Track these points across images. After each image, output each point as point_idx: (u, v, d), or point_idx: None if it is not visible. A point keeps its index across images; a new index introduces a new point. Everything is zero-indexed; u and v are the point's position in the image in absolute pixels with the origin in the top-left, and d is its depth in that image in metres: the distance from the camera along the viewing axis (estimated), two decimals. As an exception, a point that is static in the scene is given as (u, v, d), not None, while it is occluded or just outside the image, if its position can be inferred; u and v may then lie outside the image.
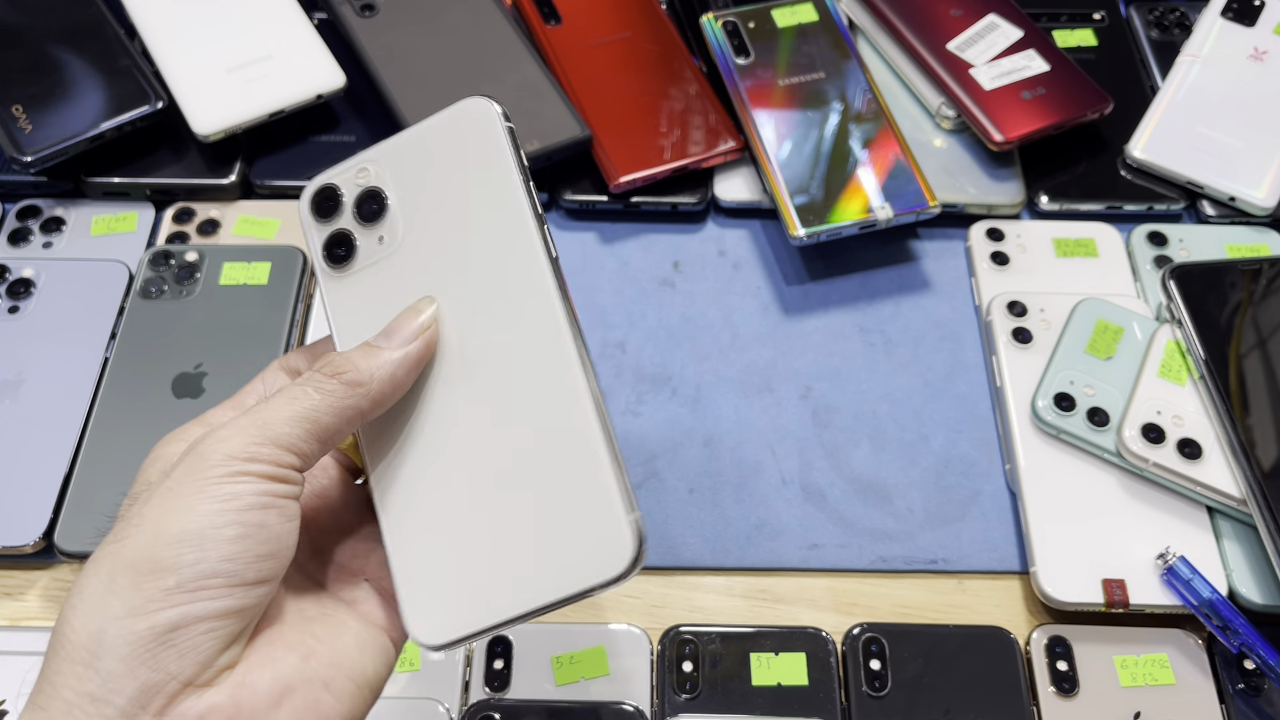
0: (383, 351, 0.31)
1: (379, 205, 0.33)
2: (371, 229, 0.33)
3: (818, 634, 0.49)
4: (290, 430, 0.29)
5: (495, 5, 0.66)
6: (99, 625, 0.26)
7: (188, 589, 0.26)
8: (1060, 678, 0.48)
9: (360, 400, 0.30)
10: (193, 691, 0.26)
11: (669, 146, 0.62)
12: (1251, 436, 0.50)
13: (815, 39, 0.65)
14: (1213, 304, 0.54)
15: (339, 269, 0.33)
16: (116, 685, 0.26)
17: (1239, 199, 0.62)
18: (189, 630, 0.26)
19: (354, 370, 0.30)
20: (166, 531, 0.27)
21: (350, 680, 0.29)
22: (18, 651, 0.49)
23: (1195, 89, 0.65)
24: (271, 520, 0.28)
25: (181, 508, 0.27)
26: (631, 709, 0.46)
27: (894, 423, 0.56)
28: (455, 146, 0.33)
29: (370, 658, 0.30)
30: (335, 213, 0.33)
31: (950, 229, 0.63)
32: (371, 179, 0.33)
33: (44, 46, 0.63)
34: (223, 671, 0.27)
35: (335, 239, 0.33)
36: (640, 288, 0.61)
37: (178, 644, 0.26)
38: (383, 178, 0.33)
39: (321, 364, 0.30)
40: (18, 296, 0.58)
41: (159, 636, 0.26)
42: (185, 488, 0.27)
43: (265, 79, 0.62)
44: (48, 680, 0.26)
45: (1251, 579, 0.49)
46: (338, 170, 0.34)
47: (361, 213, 0.33)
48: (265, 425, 0.28)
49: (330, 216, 0.33)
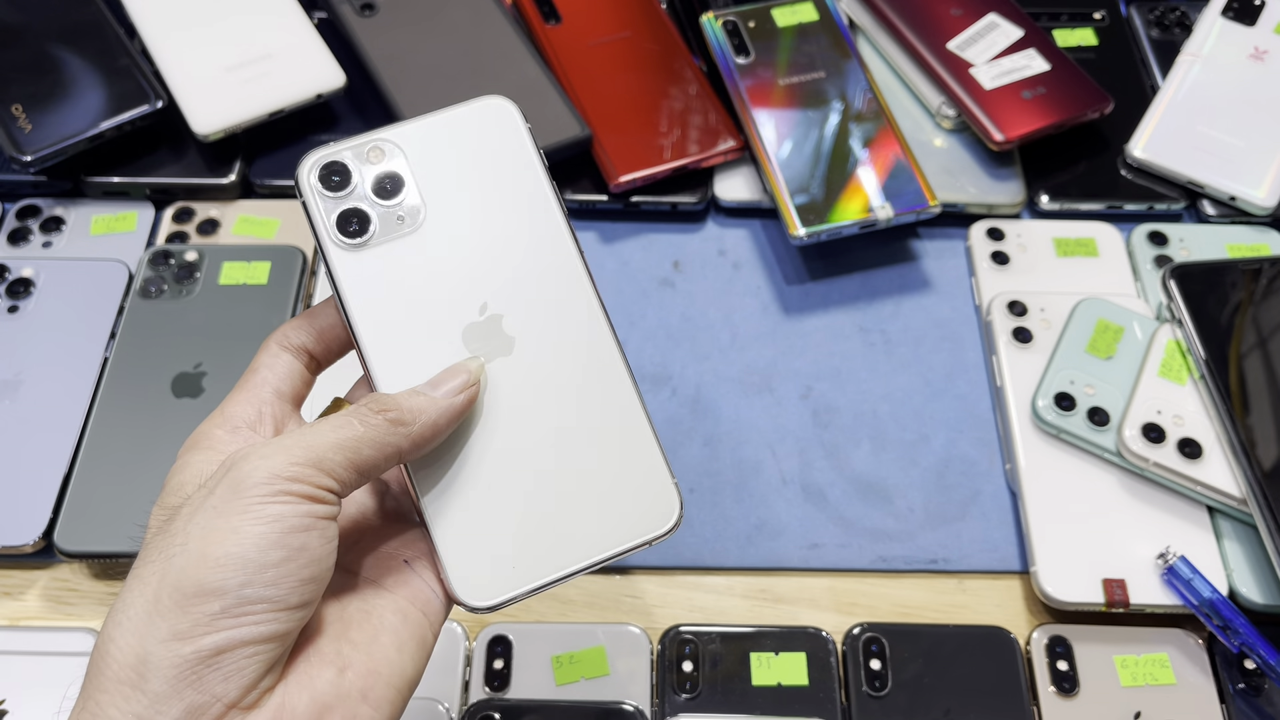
0: (428, 398, 0.31)
1: (397, 184, 0.33)
2: (390, 207, 0.33)
3: (818, 634, 0.49)
4: (332, 456, 0.29)
5: (495, 4, 0.66)
6: (145, 647, 0.26)
7: (233, 614, 0.27)
8: (1060, 677, 0.48)
9: (401, 440, 0.30)
10: (237, 714, 0.27)
11: (669, 146, 0.62)
12: (1252, 436, 0.50)
13: (815, 38, 0.65)
14: (1213, 303, 0.54)
15: (351, 243, 0.33)
16: (163, 707, 0.26)
17: (1239, 198, 0.61)
18: (234, 654, 0.27)
19: (399, 410, 0.31)
20: (211, 555, 0.27)
21: (389, 686, 0.30)
22: (18, 651, 0.49)
23: (1196, 88, 0.65)
24: (313, 543, 0.28)
25: (226, 528, 0.27)
26: (632, 709, 0.46)
27: (894, 422, 0.56)
28: (478, 138, 0.34)
29: (409, 655, 0.31)
30: (346, 187, 0.33)
31: (950, 228, 0.63)
32: (388, 157, 0.34)
33: (44, 46, 0.63)
34: (265, 694, 0.28)
35: (348, 213, 0.33)
36: (640, 287, 0.61)
37: (223, 667, 0.27)
38: (399, 157, 0.34)
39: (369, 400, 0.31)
40: (17, 296, 0.58)
41: (205, 660, 0.26)
42: (230, 507, 0.28)
43: (265, 78, 0.62)
44: (92, 699, 0.27)
45: (1252, 578, 0.49)
46: (346, 145, 0.34)
47: (378, 190, 0.33)
48: (310, 447, 0.29)
49: (340, 190, 0.33)
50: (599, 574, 0.52)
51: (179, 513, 0.29)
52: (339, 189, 0.33)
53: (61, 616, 0.50)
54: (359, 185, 0.33)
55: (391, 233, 0.33)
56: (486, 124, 0.34)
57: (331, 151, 0.34)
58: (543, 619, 0.50)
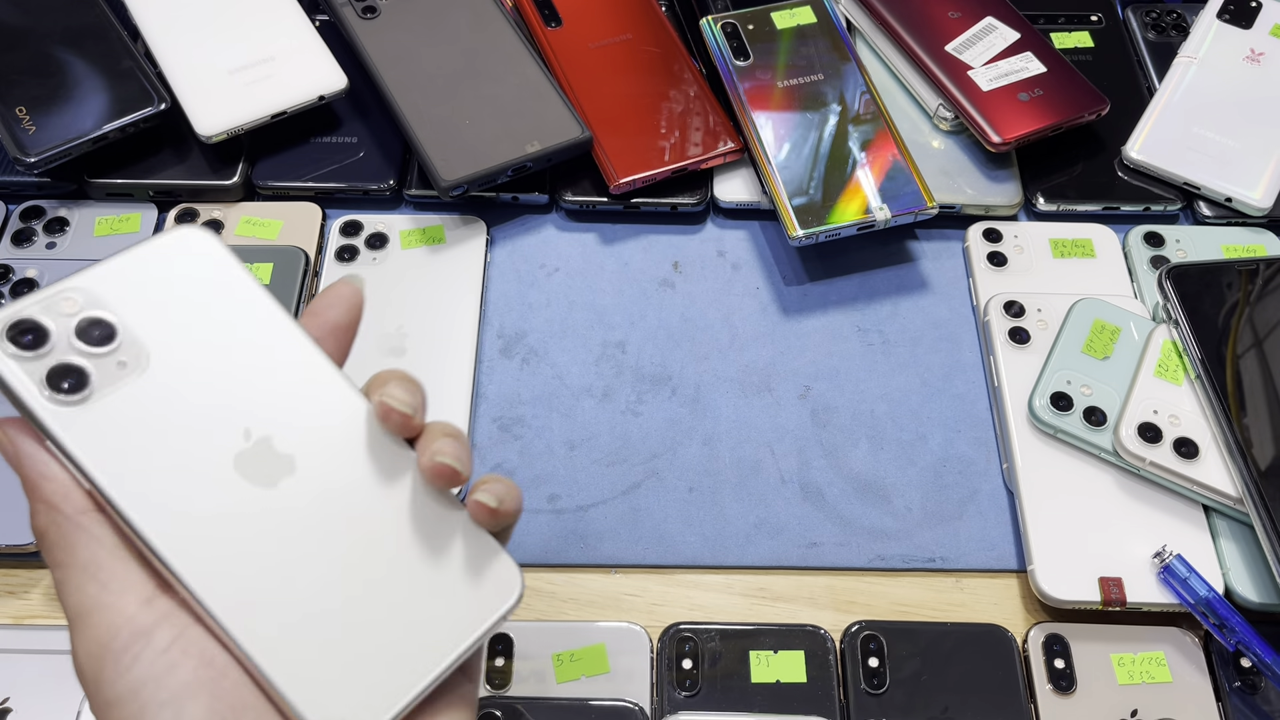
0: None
1: (104, 330, 0.31)
2: (105, 354, 0.30)
3: (816, 632, 0.49)
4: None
5: (496, 7, 0.66)
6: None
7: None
8: (1057, 675, 0.48)
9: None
10: None
11: (669, 148, 0.62)
12: (1248, 436, 0.50)
13: (814, 41, 0.66)
14: (1209, 304, 0.54)
15: (71, 400, 0.30)
16: None
17: (1235, 200, 0.62)
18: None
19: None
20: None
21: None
22: (21, 650, 0.49)
23: (1192, 90, 0.66)
24: None
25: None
26: (632, 706, 0.47)
27: (892, 422, 0.57)
28: (179, 268, 0.32)
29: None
30: (44, 344, 0.30)
31: (948, 230, 0.64)
32: (82, 306, 0.31)
33: (47, 48, 0.63)
34: None
35: (58, 371, 0.30)
36: (640, 288, 0.62)
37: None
38: (96, 304, 0.31)
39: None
40: (21, 297, 0.58)
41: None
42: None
43: (267, 80, 0.63)
44: None
45: (1248, 577, 0.49)
46: (30, 300, 0.30)
47: (86, 338, 0.30)
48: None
49: (38, 349, 0.30)
50: (599, 574, 0.52)
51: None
52: (35, 347, 0.30)
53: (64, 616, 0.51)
54: (60, 339, 0.30)
55: (115, 380, 0.30)
56: (181, 253, 0.32)
57: (15, 310, 0.30)
58: (543, 617, 0.51)
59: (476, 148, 0.60)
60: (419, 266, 0.61)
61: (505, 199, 0.63)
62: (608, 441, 0.56)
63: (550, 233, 0.64)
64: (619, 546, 0.53)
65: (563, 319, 0.60)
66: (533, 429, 0.56)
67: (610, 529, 0.53)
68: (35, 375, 0.30)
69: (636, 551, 0.53)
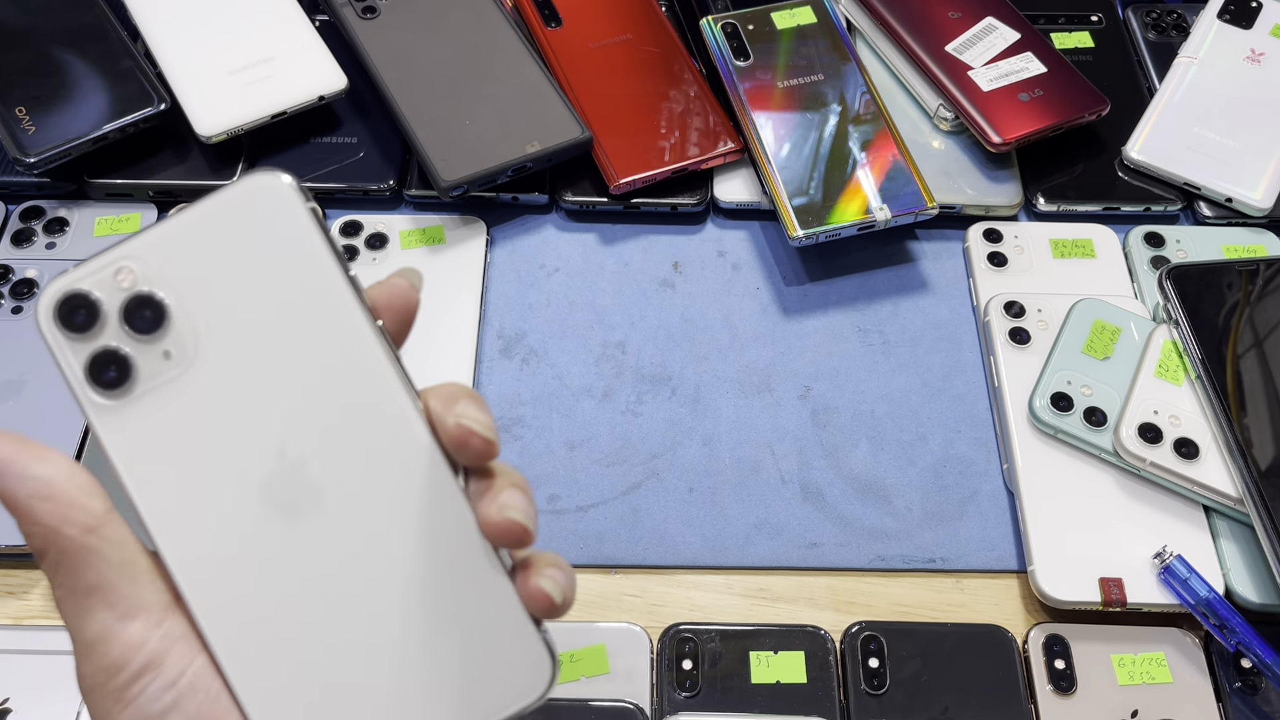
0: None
1: (155, 313, 0.27)
2: (150, 342, 0.27)
3: (816, 632, 0.49)
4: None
5: (496, 7, 0.66)
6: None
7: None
8: (1058, 676, 0.48)
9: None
10: None
11: (669, 148, 0.62)
12: (1248, 436, 0.50)
13: (814, 41, 0.66)
14: (1209, 304, 0.54)
15: (112, 396, 0.27)
16: None
17: (1235, 200, 0.62)
18: None
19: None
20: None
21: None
22: (21, 650, 0.49)
23: (1192, 91, 0.66)
24: None
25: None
26: (632, 707, 0.47)
27: (892, 422, 0.56)
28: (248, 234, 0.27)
29: None
30: (93, 326, 0.27)
31: (948, 230, 0.64)
32: (138, 281, 0.27)
33: (47, 48, 0.63)
34: None
35: (101, 359, 0.27)
36: (640, 288, 0.62)
37: None
38: (151, 278, 0.27)
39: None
40: (21, 297, 0.58)
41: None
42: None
43: (267, 81, 0.63)
44: None
45: (1248, 578, 0.49)
46: (85, 272, 0.27)
47: (133, 324, 0.27)
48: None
49: (86, 331, 0.27)
50: (599, 574, 0.52)
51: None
52: (83, 330, 0.27)
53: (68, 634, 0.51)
54: (108, 321, 0.27)
55: (159, 375, 0.27)
56: (256, 215, 0.27)
57: (66, 281, 0.27)
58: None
59: (476, 148, 0.60)
60: (419, 267, 0.61)
61: (505, 199, 0.63)
62: (608, 442, 0.56)
63: (550, 233, 0.64)
64: (619, 547, 0.53)
65: (563, 319, 0.60)
66: (533, 429, 0.56)
67: (610, 529, 0.53)
68: (81, 358, 0.27)
69: (636, 552, 0.53)
